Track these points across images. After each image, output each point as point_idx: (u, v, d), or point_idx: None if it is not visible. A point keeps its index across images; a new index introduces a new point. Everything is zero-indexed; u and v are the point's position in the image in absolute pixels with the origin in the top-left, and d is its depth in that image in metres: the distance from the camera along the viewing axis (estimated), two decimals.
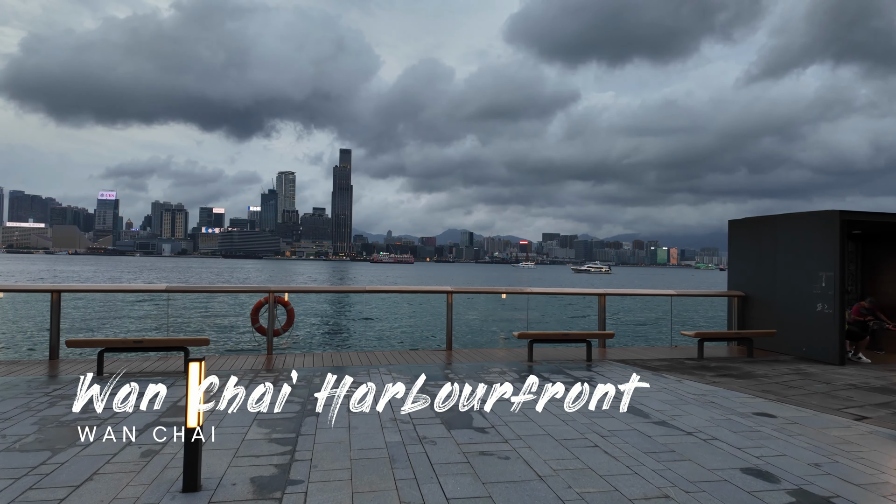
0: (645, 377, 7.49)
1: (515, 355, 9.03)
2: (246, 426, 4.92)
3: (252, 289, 8.86)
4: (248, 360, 8.10)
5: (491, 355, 8.98)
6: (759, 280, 10.50)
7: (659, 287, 76.99)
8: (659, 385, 7.00)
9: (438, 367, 7.87)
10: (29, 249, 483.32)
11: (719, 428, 5.16)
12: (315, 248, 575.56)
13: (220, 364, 7.74)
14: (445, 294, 9.43)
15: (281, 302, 8.74)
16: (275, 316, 8.71)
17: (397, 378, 7.02)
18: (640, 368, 8.17)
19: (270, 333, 8.59)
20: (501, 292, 10.10)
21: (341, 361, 8.12)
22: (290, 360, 8.24)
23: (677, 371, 8.07)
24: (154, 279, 68.10)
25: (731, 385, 7.15)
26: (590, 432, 4.92)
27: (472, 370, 7.68)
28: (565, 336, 8.44)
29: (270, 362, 7.99)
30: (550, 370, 7.81)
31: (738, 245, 11.15)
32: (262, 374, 7.19)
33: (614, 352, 9.71)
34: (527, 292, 9.87)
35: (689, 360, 8.99)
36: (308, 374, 7.21)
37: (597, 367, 8.11)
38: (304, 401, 5.82)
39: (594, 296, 10.23)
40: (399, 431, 4.83)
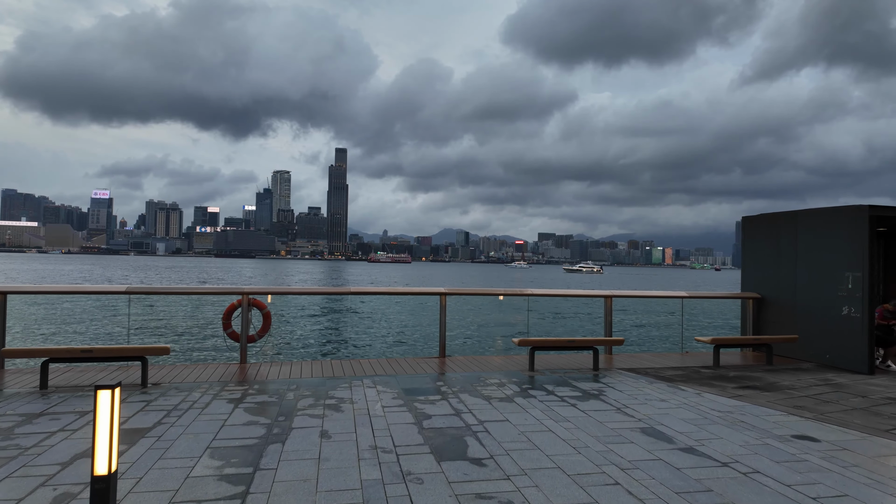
0: (659, 389, 6.71)
1: (514, 363, 8.23)
2: (195, 457, 4.09)
3: (223, 290, 8.02)
4: (217, 370, 7.26)
5: (488, 363, 8.18)
6: (776, 281, 9.74)
7: (657, 287, 75.98)
8: (677, 399, 6.21)
9: (430, 377, 7.06)
10: (21, 248, 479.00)
11: (758, 457, 4.37)
12: (310, 248, 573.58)
13: (184, 375, 6.90)
14: (439, 296, 8.62)
15: (256, 305, 7.91)
16: (249, 320, 7.87)
17: (383, 392, 6.20)
18: (653, 379, 7.39)
19: (244, 340, 7.75)
20: (499, 294, 9.29)
21: (322, 371, 7.29)
22: (266, 369, 7.40)
23: (694, 382, 7.29)
24: (143, 279, 66.94)
25: (757, 399, 6.37)
26: (607, 463, 4.12)
27: (467, 381, 6.87)
28: (570, 343, 7.64)
29: (243, 373, 7.16)
30: (554, 381, 7.01)
31: (754, 243, 10.39)
32: (230, 387, 6.36)
33: (622, 359, 8.93)
34: (526, 294, 9.07)
35: (705, 369, 8.21)
36: (282, 387, 6.39)
37: (605, 378, 7.32)
38: (272, 422, 4.99)
39: (599, 298, 9.44)
40: (379, 464, 4.01)
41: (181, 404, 5.55)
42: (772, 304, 9.84)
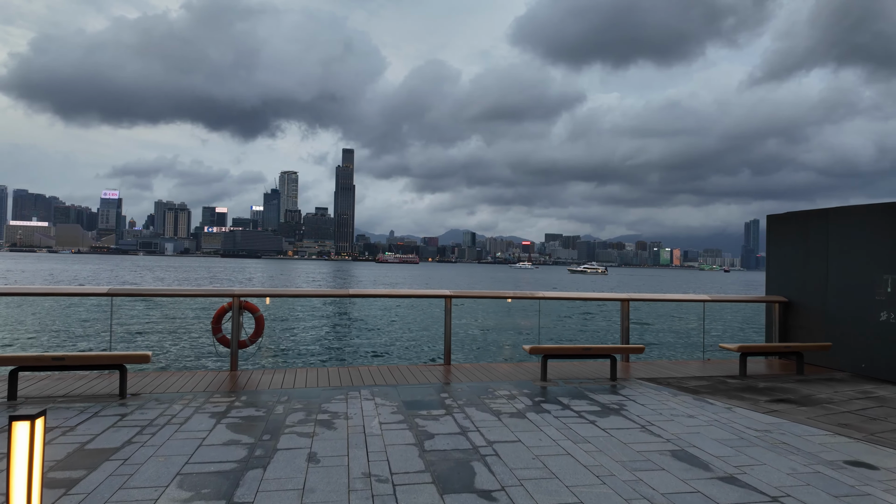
0: (685, 403, 6.12)
1: (525, 371, 7.66)
2: (161, 486, 3.55)
3: (213, 292, 7.50)
4: (204, 378, 6.74)
5: (496, 372, 7.61)
6: (805, 284, 9.10)
7: (667, 289, 74.72)
8: (706, 415, 5.62)
9: (434, 388, 6.50)
10: (32, 248, 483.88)
11: (812, 489, 3.77)
12: (317, 248, 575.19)
13: (169, 384, 6.39)
14: (444, 299, 8.06)
15: (248, 307, 7.39)
16: (240, 324, 7.35)
17: (382, 405, 5.65)
18: (676, 390, 6.79)
19: (235, 345, 7.23)
20: (507, 297, 8.71)
21: (317, 380, 6.76)
22: (257, 378, 6.88)
23: (722, 394, 6.68)
24: (142, 278, 66.90)
25: (795, 415, 5.75)
26: (638, 497, 3.54)
27: (474, 393, 6.31)
28: (586, 351, 7.05)
29: (233, 381, 6.64)
30: (569, 393, 6.42)
31: (780, 243, 9.75)
32: (215, 397, 5.83)
33: (640, 367, 8.32)
34: (537, 297, 8.49)
35: (732, 379, 7.59)
36: (272, 398, 5.85)
37: (624, 389, 6.72)
38: (255, 442, 4.45)
39: (615, 301, 8.84)
40: (371, 498, 3.45)
41: (158, 419, 5.03)
42: (800, 308, 9.19)
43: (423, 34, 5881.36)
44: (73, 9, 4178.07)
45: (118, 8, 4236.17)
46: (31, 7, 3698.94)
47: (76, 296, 6.77)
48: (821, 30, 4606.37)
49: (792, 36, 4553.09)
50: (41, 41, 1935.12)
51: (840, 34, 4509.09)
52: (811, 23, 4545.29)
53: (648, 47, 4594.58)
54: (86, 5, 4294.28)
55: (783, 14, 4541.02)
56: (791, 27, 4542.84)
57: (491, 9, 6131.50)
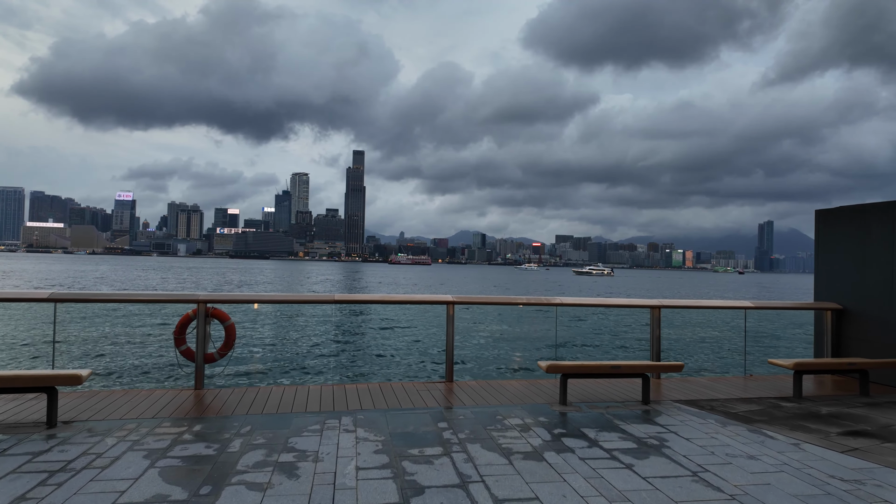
0: (739, 435, 4.96)
1: (540, 391, 6.53)
2: None
3: (173, 297, 6.47)
4: (159, 400, 5.71)
5: (506, 391, 6.49)
6: (864, 289, 7.87)
7: (678, 291, 72.42)
8: (770, 455, 4.45)
9: (431, 414, 5.41)
10: (48, 249, 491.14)
11: None
12: (328, 249, 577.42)
13: (113, 409, 5.36)
14: (445, 305, 6.96)
15: (216, 315, 6.35)
16: (208, 335, 6.31)
17: (364, 439, 4.56)
18: (724, 417, 5.62)
19: (200, 359, 6.19)
20: (518, 303, 7.57)
21: (293, 402, 5.69)
22: (223, 398, 5.83)
23: (780, 423, 5.50)
24: (148, 279, 66.47)
25: (883, 456, 4.56)
26: None
27: (479, 420, 5.20)
28: (615, 370, 5.90)
29: (193, 403, 5.60)
30: (595, 422, 5.29)
31: (832, 242, 8.52)
32: (164, 426, 4.79)
33: (674, 386, 7.15)
34: (553, 303, 7.35)
35: (785, 402, 6.40)
36: (232, 427, 4.79)
37: (661, 417, 5.57)
38: (189, 497, 3.38)
39: (644, 308, 7.67)
40: None
41: (78, 460, 3.98)
42: (857, 316, 7.96)
43: (433, 36, 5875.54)
44: (90, 13, 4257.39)
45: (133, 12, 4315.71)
46: (49, 12, 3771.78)
47: (13, 301, 5.76)
48: (836, 30, 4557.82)
49: (807, 37, 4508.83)
50: (62, 45, 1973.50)
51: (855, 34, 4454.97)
52: (826, 23, 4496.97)
53: (662, 49, 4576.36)
54: (101, 10, 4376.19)
55: (798, 14, 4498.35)
56: (806, 28, 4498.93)
57: (501, 10, 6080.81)
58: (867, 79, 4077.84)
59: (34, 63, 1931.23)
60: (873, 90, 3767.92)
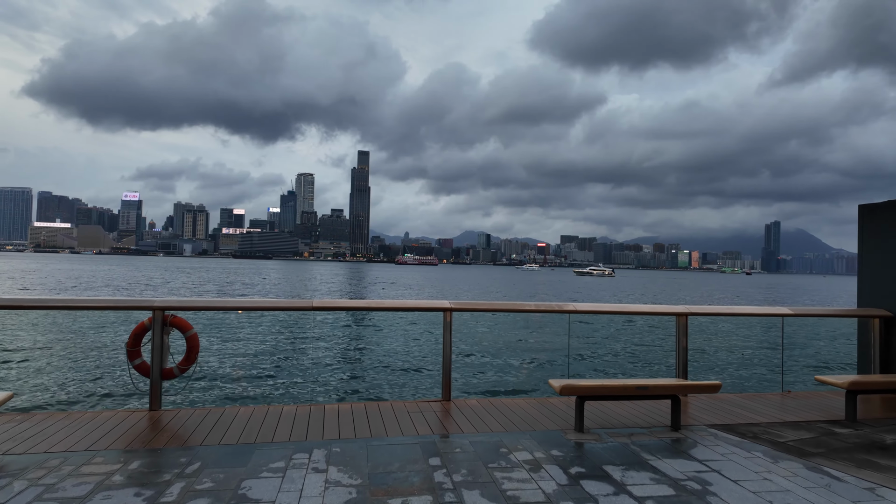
0: (797, 474, 4.05)
1: (551, 413, 5.64)
2: None
3: (125, 304, 5.60)
4: (106, 424, 4.85)
5: (512, 413, 5.60)
6: None
7: (685, 292, 70.49)
8: None
9: (423, 445, 4.52)
10: (55, 249, 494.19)
11: None
12: (333, 249, 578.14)
13: (44, 436, 4.50)
14: (442, 312, 6.07)
15: (177, 324, 5.49)
16: (167, 346, 5.45)
17: (335, 484, 3.68)
18: (771, 448, 4.71)
19: (156, 375, 5.33)
20: (526, 309, 6.65)
21: (259, 429, 4.82)
22: (180, 421, 4.97)
23: (841, 457, 4.58)
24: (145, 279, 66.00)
25: None
26: None
27: (480, 454, 4.31)
28: (641, 391, 4.99)
29: (149, 428, 4.75)
30: (619, 456, 4.39)
31: (879, 240, 7.57)
32: (93, 463, 3.93)
33: (702, 405, 6.23)
34: (566, 310, 6.43)
35: (840, 428, 5.47)
36: (177, 465, 3.93)
37: (697, 448, 4.66)
38: None
39: (669, 316, 6.74)
40: None
41: None
42: None
43: (438, 36, 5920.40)
44: (97, 15, 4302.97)
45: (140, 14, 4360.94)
46: (57, 13, 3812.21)
47: None
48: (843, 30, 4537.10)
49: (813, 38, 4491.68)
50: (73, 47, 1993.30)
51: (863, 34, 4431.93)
52: (833, 24, 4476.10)
53: (667, 50, 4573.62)
54: (108, 11, 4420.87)
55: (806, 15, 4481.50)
56: (813, 28, 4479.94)
57: (506, 10, 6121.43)
58: (874, 79, 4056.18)
59: (45, 64, 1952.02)
60: (881, 90, 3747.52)
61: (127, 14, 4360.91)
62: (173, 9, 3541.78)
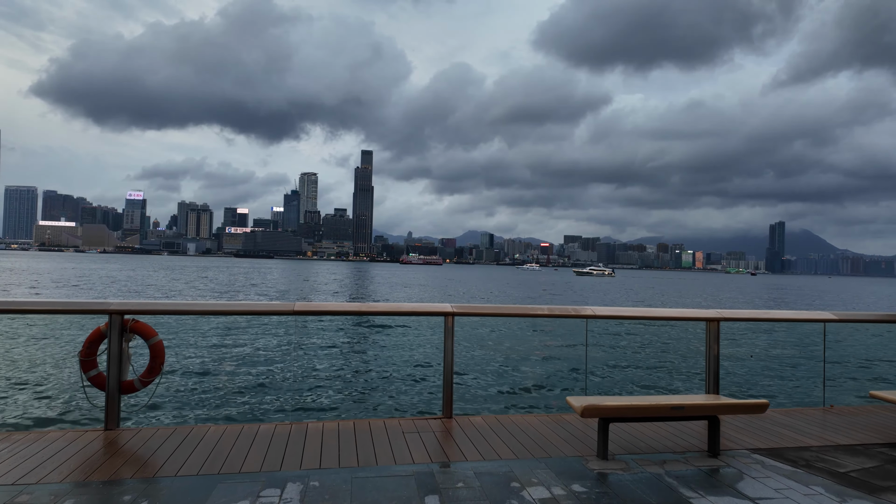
0: None
1: (569, 434, 4.90)
2: None
3: (76, 306, 4.88)
4: (51, 447, 4.16)
5: (523, 435, 4.87)
6: None
7: (691, 294, 68.79)
8: None
9: (419, 478, 3.80)
10: (60, 248, 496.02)
11: None
12: (336, 249, 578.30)
13: None
14: (443, 317, 5.34)
15: (139, 330, 4.78)
16: (128, 355, 4.75)
17: None
18: (832, 480, 3.97)
19: (113, 389, 4.63)
20: (538, 314, 5.91)
21: (227, 455, 4.11)
22: (139, 443, 4.27)
23: None
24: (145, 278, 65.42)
25: None
26: None
27: (487, 491, 3.59)
28: (677, 411, 4.26)
29: (99, 453, 4.06)
30: (654, 493, 3.65)
31: None
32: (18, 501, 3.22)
33: (739, 422, 5.49)
34: (583, 315, 5.69)
35: None
36: (126, 500, 3.21)
37: (743, 481, 3.92)
38: None
39: (699, 321, 5.99)
40: None
41: None
42: None
43: (442, 36, 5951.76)
44: (102, 15, 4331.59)
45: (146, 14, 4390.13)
46: (62, 13, 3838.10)
47: None
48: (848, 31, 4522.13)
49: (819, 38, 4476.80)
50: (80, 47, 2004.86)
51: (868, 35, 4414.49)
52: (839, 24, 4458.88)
53: (672, 51, 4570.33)
54: (113, 11, 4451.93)
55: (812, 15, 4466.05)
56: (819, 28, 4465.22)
57: (509, 9, 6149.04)
58: (880, 79, 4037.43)
59: (53, 64, 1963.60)
60: (887, 90, 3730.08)
61: (132, 14, 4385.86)
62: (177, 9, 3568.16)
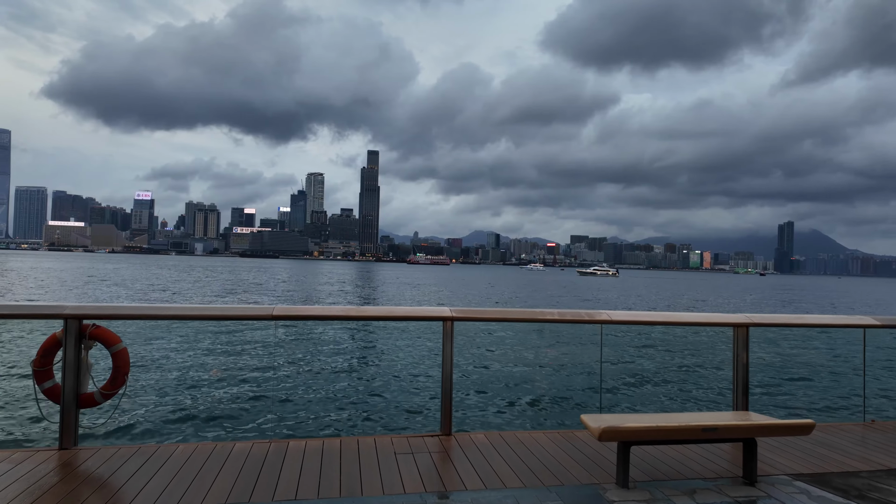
0: None
1: (583, 456, 4.34)
2: None
3: (27, 310, 4.39)
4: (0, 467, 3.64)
5: (531, 456, 4.31)
6: None
7: (700, 295, 66.93)
8: None
9: None
10: (69, 248, 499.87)
11: None
12: (342, 249, 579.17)
13: None
14: (441, 321, 4.79)
15: (100, 337, 4.26)
16: (88, 365, 4.24)
17: None
18: None
19: (70, 402, 4.12)
20: (549, 319, 5.34)
21: (192, 481, 3.58)
22: (95, 464, 3.76)
23: None
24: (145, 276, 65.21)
25: None
26: None
27: None
28: (710, 433, 3.68)
29: (57, 470, 3.56)
30: None
31: None
32: None
33: (774, 444, 4.89)
34: (598, 320, 5.12)
35: None
36: None
37: None
38: None
39: (727, 327, 5.40)
40: None
41: None
42: None
43: (449, 36, 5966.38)
44: (111, 16, 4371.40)
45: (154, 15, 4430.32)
46: (72, 15, 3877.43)
47: None
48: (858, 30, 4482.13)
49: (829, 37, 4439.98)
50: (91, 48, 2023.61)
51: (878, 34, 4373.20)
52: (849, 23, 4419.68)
53: (679, 50, 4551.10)
54: (122, 13, 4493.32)
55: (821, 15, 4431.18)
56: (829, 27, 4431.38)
57: (517, 10, 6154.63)
58: (890, 78, 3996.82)
59: (64, 66, 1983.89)
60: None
61: (141, 16, 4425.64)
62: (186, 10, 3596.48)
